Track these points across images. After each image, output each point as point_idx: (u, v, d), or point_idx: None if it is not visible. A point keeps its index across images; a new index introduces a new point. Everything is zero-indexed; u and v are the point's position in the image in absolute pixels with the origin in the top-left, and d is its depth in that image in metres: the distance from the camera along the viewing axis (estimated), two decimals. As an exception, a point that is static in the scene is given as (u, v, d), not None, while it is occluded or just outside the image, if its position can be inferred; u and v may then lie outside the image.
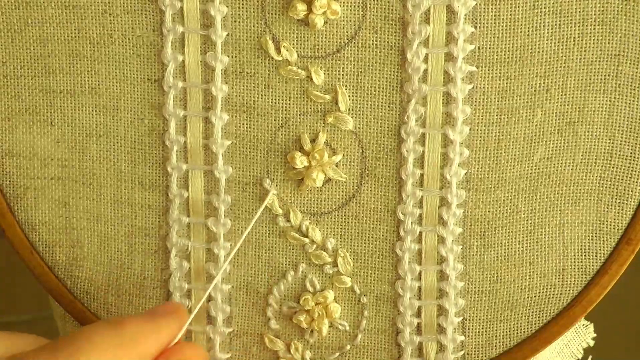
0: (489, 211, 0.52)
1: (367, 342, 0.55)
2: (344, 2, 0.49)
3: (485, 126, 0.50)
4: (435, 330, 0.54)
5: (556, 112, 0.50)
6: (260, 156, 0.52)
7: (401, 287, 0.53)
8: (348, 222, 0.53)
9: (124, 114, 0.52)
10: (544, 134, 0.50)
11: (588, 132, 0.50)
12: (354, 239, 0.53)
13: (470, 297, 0.53)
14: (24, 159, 0.53)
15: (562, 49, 0.49)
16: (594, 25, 0.49)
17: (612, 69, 0.49)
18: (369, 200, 0.52)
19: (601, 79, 0.50)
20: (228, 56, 0.51)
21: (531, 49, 0.49)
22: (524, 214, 0.52)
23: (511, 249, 0.53)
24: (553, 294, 0.53)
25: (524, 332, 0.54)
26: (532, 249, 0.53)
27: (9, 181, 0.53)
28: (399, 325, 0.54)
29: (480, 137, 0.50)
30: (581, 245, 0.53)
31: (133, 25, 0.50)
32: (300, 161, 0.52)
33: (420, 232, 0.52)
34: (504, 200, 0.51)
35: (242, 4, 0.50)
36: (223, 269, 0.53)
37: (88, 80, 0.52)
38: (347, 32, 0.50)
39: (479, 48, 0.49)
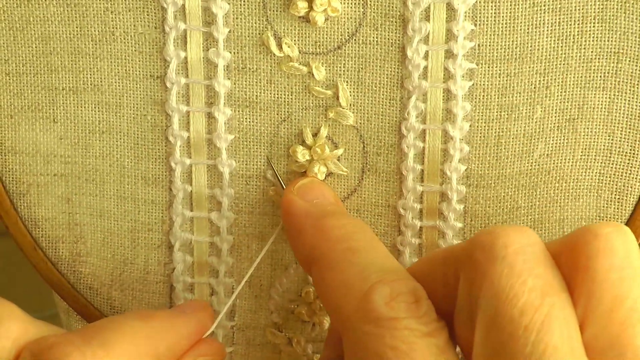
0: (489, 207, 0.52)
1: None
2: (344, 0, 0.49)
3: (485, 123, 0.50)
4: (436, 323, 0.54)
5: (556, 109, 0.50)
6: (263, 150, 0.52)
7: (402, 282, 0.53)
8: (349, 217, 0.53)
9: (127, 110, 0.52)
10: (543, 130, 0.50)
11: (587, 128, 0.51)
12: (355, 233, 0.53)
13: (471, 292, 0.53)
14: (27, 156, 0.53)
15: (561, 46, 0.49)
16: (594, 22, 0.49)
17: (611, 67, 0.49)
18: (370, 194, 0.52)
19: (601, 76, 0.50)
20: (230, 52, 0.51)
21: (531, 46, 0.49)
22: (524, 209, 0.52)
23: (511, 244, 0.53)
24: (553, 288, 0.54)
25: (525, 326, 0.54)
26: (532, 244, 0.53)
27: (12, 178, 0.53)
28: (400, 319, 0.54)
29: (481, 133, 0.50)
30: (581, 241, 0.53)
31: (135, 23, 0.51)
32: (302, 155, 0.52)
33: (421, 227, 0.52)
34: (504, 196, 0.52)
35: (244, 1, 0.50)
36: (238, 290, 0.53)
37: (90, 78, 0.52)
38: (347, 29, 0.50)
39: (478, 45, 0.49)
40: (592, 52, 0.49)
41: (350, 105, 0.51)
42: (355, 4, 0.49)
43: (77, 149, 0.53)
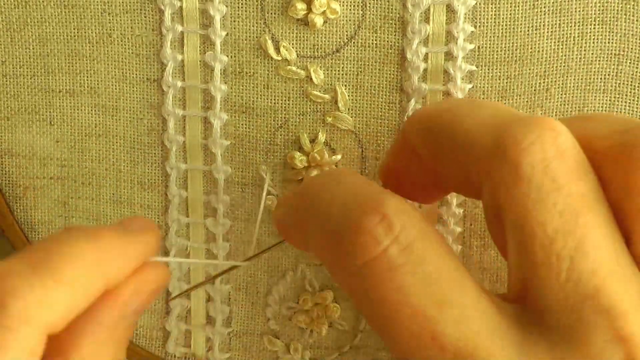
0: (488, 211, 0.52)
1: (366, 342, 0.55)
2: (343, 2, 0.49)
3: (485, 126, 0.50)
4: (435, 330, 0.54)
5: (556, 112, 0.50)
6: (260, 156, 0.52)
7: (401, 287, 0.53)
8: (348, 222, 0.53)
9: (123, 113, 0.52)
10: (543, 133, 0.50)
11: (588, 131, 0.51)
12: (354, 238, 0.53)
13: (470, 297, 0.53)
14: (23, 158, 0.53)
15: (562, 48, 0.49)
16: (594, 24, 0.49)
17: (612, 69, 0.49)
18: (369, 200, 0.52)
19: (601, 79, 0.50)
20: (227, 56, 0.51)
21: (531, 48, 0.49)
22: (523, 213, 0.52)
23: (511, 248, 0.53)
24: (553, 294, 0.53)
25: (524, 332, 0.54)
26: (531, 249, 0.53)
27: (8, 181, 0.53)
28: (398, 325, 0.54)
29: (480, 136, 0.50)
30: (581, 245, 0.53)
31: (132, 25, 0.50)
32: (299, 161, 0.52)
33: (420, 232, 0.52)
34: (503, 199, 0.51)
35: (242, 4, 0.50)
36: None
37: (87, 80, 0.52)
38: (346, 31, 0.50)
39: (478, 47, 0.49)
40: (592, 54, 0.49)
41: (348, 109, 0.51)
42: (354, 5, 0.49)
43: (74, 152, 0.53)
